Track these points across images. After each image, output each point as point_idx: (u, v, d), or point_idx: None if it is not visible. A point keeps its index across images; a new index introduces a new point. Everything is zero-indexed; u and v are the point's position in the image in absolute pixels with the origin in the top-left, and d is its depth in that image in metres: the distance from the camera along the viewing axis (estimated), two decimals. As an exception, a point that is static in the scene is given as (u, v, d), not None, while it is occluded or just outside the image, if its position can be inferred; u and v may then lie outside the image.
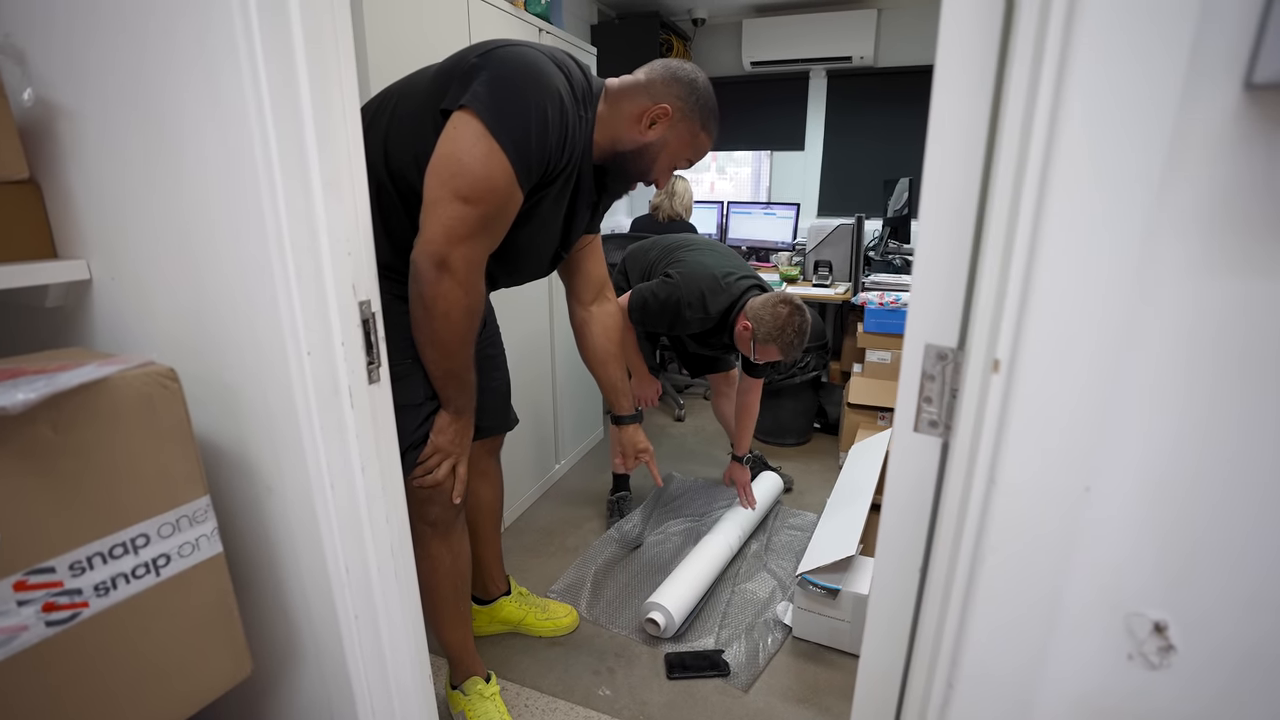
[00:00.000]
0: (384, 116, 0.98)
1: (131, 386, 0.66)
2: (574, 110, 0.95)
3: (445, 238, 0.87)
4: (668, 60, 1.05)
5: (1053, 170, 0.39)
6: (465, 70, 0.90)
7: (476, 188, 0.87)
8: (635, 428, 1.39)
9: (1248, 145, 0.36)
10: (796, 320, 1.65)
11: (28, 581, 0.59)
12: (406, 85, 1.00)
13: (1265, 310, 0.38)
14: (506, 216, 0.93)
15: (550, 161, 0.93)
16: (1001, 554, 0.47)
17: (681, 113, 1.03)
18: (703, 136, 1.08)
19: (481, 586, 1.51)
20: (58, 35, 0.74)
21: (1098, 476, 0.43)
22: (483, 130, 0.86)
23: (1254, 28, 0.33)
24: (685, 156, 1.09)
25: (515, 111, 0.87)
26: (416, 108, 0.94)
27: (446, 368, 0.98)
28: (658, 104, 1.01)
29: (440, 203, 0.87)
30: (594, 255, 1.26)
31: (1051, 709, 0.50)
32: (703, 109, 1.05)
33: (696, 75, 1.05)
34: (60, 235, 0.86)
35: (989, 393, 0.45)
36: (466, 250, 0.89)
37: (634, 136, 1.03)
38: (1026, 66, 0.40)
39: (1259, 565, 0.43)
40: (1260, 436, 0.40)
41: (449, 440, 1.04)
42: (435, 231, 0.87)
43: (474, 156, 0.86)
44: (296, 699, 0.95)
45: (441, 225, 0.87)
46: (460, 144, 0.87)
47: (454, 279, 0.89)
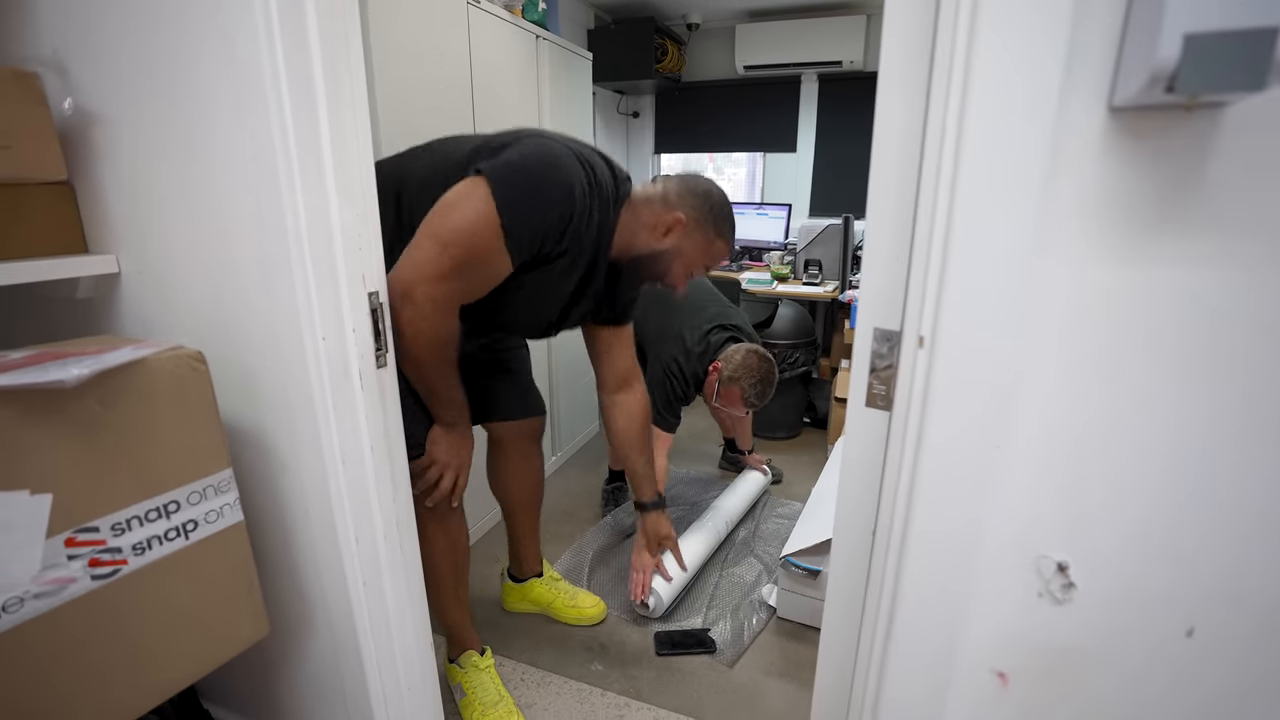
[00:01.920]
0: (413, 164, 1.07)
1: (165, 367, 0.73)
2: (585, 204, 1.00)
3: (413, 272, 0.93)
4: (684, 174, 1.14)
5: (960, 173, 0.46)
6: (494, 148, 0.99)
7: (457, 236, 0.93)
8: (658, 514, 1.43)
9: (1113, 155, 0.43)
10: (765, 367, 1.75)
11: (76, 538, 0.66)
12: (435, 150, 1.09)
13: (1130, 290, 0.45)
14: (486, 272, 0.98)
15: (546, 243, 0.99)
16: (928, 505, 0.54)
17: (696, 222, 1.10)
18: (718, 244, 1.15)
19: (516, 565, 1.59)
20: (98, 50, 0.81)
21: (1006, 436, 0.51)
22: (486, 193, 0.93)
23: (1113, 63, 0.41)
24: (701, 262, 1.16)
25: (523, 187, 0.94)
26: (443, 173, 1.01)
27: (424, 387, 1.04)
28: (672, 213, 1.08)
29: (421, 240, 0.94)
30: (620, 345, 1.31)
31: (977, 643, 0.57)
32: (716, 218, 1.12)
33: (711, 188, 1.13)
34: (91, 232, 0.93)
35: (916, 365, 0.52)
36: (430, 289, 0.93)
37: (650, 242, 1.10)
38: (941, 97, 0.47)
39: (1143, 512, 0.50)
40: (1138, 398, 0.48)
41: (443, 450, 1.10)
42: (406, 265, 0.93)
43: (466, 209, 0.93)
44: (308, 662, 1.02)
45: (413, 261, 0.93)
46: (458, 196, 0.94)
47: (416, 311, 0.93)
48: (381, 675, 0.98)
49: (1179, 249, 0.45)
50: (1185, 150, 0.42)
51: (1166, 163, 0.43)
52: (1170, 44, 0.36)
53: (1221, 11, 0.35)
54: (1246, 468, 0.47)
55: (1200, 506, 0.48)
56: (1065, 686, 0.56)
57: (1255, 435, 0.46)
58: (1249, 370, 0.46)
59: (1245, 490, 0.47)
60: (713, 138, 3.57)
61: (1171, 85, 0.36)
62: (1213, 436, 0.47)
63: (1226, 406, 0.46)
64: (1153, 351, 0.47)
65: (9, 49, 0.85)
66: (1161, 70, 0.36)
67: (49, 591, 0.64)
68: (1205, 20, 0.35)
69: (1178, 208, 0.44)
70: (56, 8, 0.81)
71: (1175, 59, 0.36)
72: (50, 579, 0.64)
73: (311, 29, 0.71)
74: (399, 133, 1.40)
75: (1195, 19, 0.35)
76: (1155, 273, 0.46)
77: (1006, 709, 0.58)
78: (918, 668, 0.60)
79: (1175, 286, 0.46)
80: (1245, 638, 0.50)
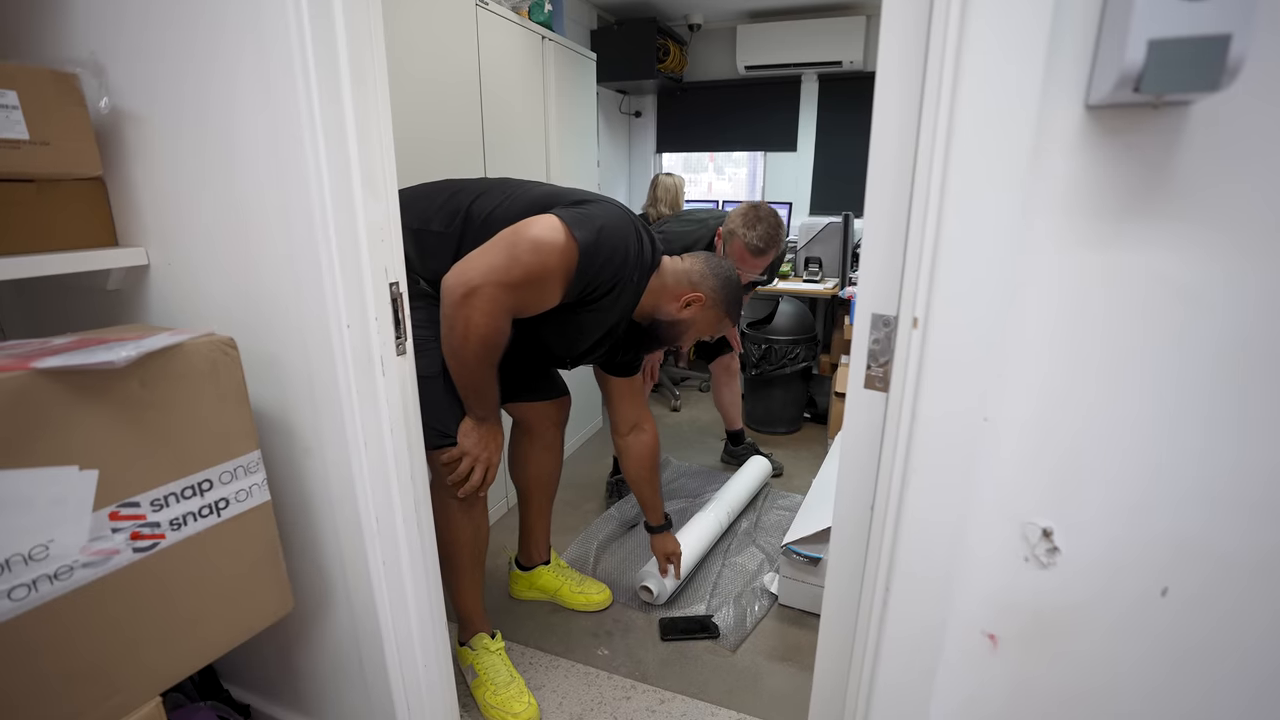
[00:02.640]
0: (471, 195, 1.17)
1: (200, 352, 0.77)
2: (632, 271, 1.14)
3: (484, 275, 1.01)
4: (710, 256, 1.30)
5: (951, 166, 0.50)
6: (568, 201, 1.12)
7: (531, 255, 1.02)
8: (665, 535, 1.58)
9: (1090, 149, 0.47)
10: (761, 211, 1.80)
11: (119, 512, 0.70)
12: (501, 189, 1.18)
13: (1107, 273, 0.49)
14: (539, 296, 1.08)
15: (596, 292, 1.12)
16: (922, 477, 0.58)
17: (712, 302, 1.26)
18: (725, 321, 1.33)
19: (526, 553, 1.64)
20: (132, 51, 0.85)
21: (994, 409, 0.55)
22: (566, 233, 1.04)
23: (1089, 65, 0.45)
24: (708, 334, 1.34)
25: (596, 242, 1.06)
26: (515, 213, 1.10)
27: (468, 381, 1.11)
28: (695, 291, 1.24)
29: (495, 249, 1.03)
30: (631, 395, 1.47)
31: (968, 606, 0.61)
32: (728, 301, 1.28)
33: (730, 274, 1.29)
34: (121, 225, 0.98)
35: (910, 345, 0.56)
36: (496, 291, 1.01)
37: (670, 311, 1.25)
38: (934, 94, 0.51)
39: (1119, 479, 0.54)
40: (1115, 373, 0.52)
41: (474, 443, 1.16)
42: (477, 266, 1.02)
43: (545, 237, 1.03)
44: (328, 640, 1.06)
45: (486, 264, 1.02)
46: (540, 224, 1.04)
47: (479, 308, 1.02)
48: (400, 653, 1.02)
49: (1151, 235, 0.49)
50: (1155, 145, 0.46)
51: (1139, 156, 0.47)
52: (1136, 49, 0.40)
53: (1181, 20, 0.39)
54: (1211, 436, 0.51)
55: (1171, 473, 0.52)
56: (1051, 645, 0.60)
57: (1220, 407, 0.50)
58: (1215, 346, 0.50)
59: (1210, 457, 0.51)
60: (714, 137, 3.62)
61: (1138, 85, 0.40)
62: (1182, 407, 0.51)
63: (1194, 379, 0.50)
64: (1127, 329, 0.51)
65: (50, 51, 0.89)
66: (1129, 72, 0.40)
67: (95, 562, 0.68)
68: (1167, 28, 0.39)
69: (1150, 197, 0.48)
70: (94, 12, 0.85)
71: (1141, 62, 0.40)
72: (96, 550, 0.68)
73: (339, 32, 0.75)
74: (409, 131, 1.44)
75: (1159, 27, 0.39)
76: (1130, 257, 0.50)
77: (997, 668, 0.62)
78: (913, 630, 0.64)
79: (1148, 269, 0.50)
80: (1214, 595, 0.54)
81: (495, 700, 1.28)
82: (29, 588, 0.63)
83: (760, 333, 2.66)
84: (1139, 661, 0.57)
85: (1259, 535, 0.52)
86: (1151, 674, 0.58)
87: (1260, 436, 0.50)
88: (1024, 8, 0.45)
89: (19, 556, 0.62)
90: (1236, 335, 0.49)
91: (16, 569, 0.62)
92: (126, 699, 0.73)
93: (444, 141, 1.66)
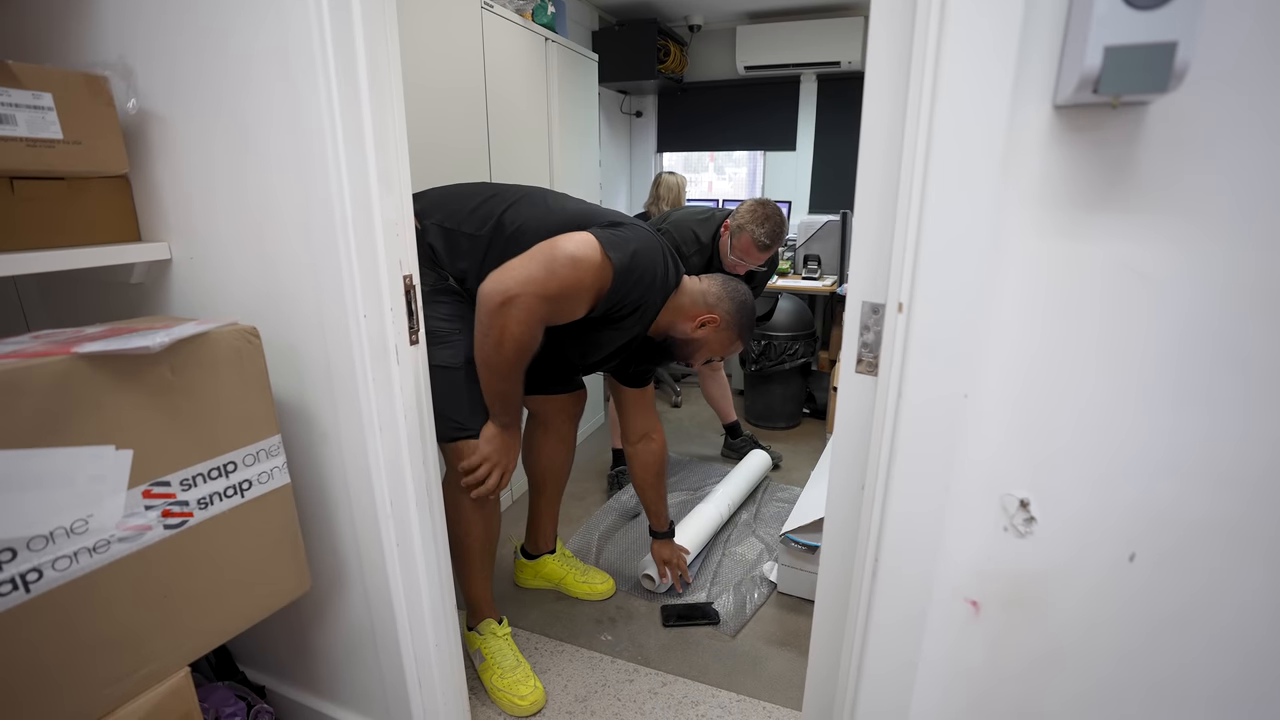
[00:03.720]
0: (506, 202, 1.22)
1: (226, 340, 0.81)
2: (658, 292, 1.22)
3: (522, 285, 1.05)
4: (727, 278, 1.35)
5: (931, 163, 0.54)
6: (604, 222, 1.18)
7: (567, 270, 1.07)
8: (666, 541, 1.65)
9: (1058, 146, 0.51)
10: (769, 209, 1.89)
11: (152, 491, 0.74)
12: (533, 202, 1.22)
13: (1076, 261, 0.53)
14: (569, 308, 1.13)
15: (621, 309, 1.18)
16: (907, 453, 0.62)
17: (726, 324, 1.31)
18: (737, 343, 1.36)
19: (533, 542, 1.68)
20: (158, 53, 0.89)
21: (973, 387, 0.59)
22: (601, 252, 1.10)
23: (1055, 69, 0.49)
24: (720, 354, 1.38)
25: (628, 265, 1.13)
26: (551, 226, 1.16)
27: (496, 388, 1.15)
28: (711, 311, 1.28)
29: (534, 258, 1.07)
30: (642, 404, 1.53)
31: (951, 574, 0.65)
32: (741, 324, 1.33)
33: (746, 297, 1.34)
34: (144, 220, 1.02)
35: (896, 328, 0.61)
36: (532, 301, 1.05)
37: (685, 329, 1.29)
38: (916, 97, 0.55)
39: (1092, 452, 0.58)
40: (1085, 352, 0.56)
41: (495, 449, 1.20)
42: (515, 276, 1.05)
43: (581, 253, 1.08)
44: (342, 621, 1.10)
45: (524, 275, 1.05)
46: (576, 241, 1.10)
47: (515, 315, 1.05)
48: (412, 632, 1.06)
49: (1117, 225, 0.53)
50: (1117, 141, 0.50)
51: (1103, 152, 0.51)
52: (1094, 54, 0.44)
53: (1134, 28, 0.43)
54: (1176, 412, 0.55)
55: (1138, 446, 0.56)
56: (1029, 610, 0.64)
57: (1184, 384, 0.54)
58: (1178, 327, 0.54)
59: (1174, 432, 0.55)
60: (714, 137, 3.66)
61: (1096, 87, 0.44)
62: (1148, 385, 0.55)
63: (1160, 359, 0.54)
64: (1097, 313, 0.55)
65: (81, 55, 0.93)
66: (1088, 75, 0.44)
67: (130, 536, 0.73)
68: (1122, 35, 0.43)
69: (1114, 190, 0.52)
70: (123, 16, 0.89)
71: (1099, 66, 0.44)
72: (131, 525, 0.73)
73: (358, 36, 0.79)
74: (417, 131, 1.48)
75: (1114, 34, 0.43)
76: (1098, 246, 0.54)
77: (979, 633, 0.66)
78: (900, 599, 0.68)
79: (1115, 257, 0.54)
80: (1179, 560, 0.58)
81: (502, 683, 1.33)
82: (70, 559, 0.67)
83: (760, 329, 2.70)
84: (1110, 622, 0.61)
85: (1221, 504, 0.56)
86: (1122, 634, 0.62)
87: (1222, 412, 0.54)
88: (996, 17, 0.49)
89: (61, 530, 0.67)
90: (1197, 317, 0.53)
91: (60, 541, 0.66)
92: (157, 668, 0.77)
93: (451, 141, 1.70)
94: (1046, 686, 0.65)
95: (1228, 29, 0.46)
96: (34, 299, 1.21)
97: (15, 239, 0.86)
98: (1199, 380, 0.54)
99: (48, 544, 0.66)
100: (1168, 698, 0.61)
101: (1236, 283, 0.51)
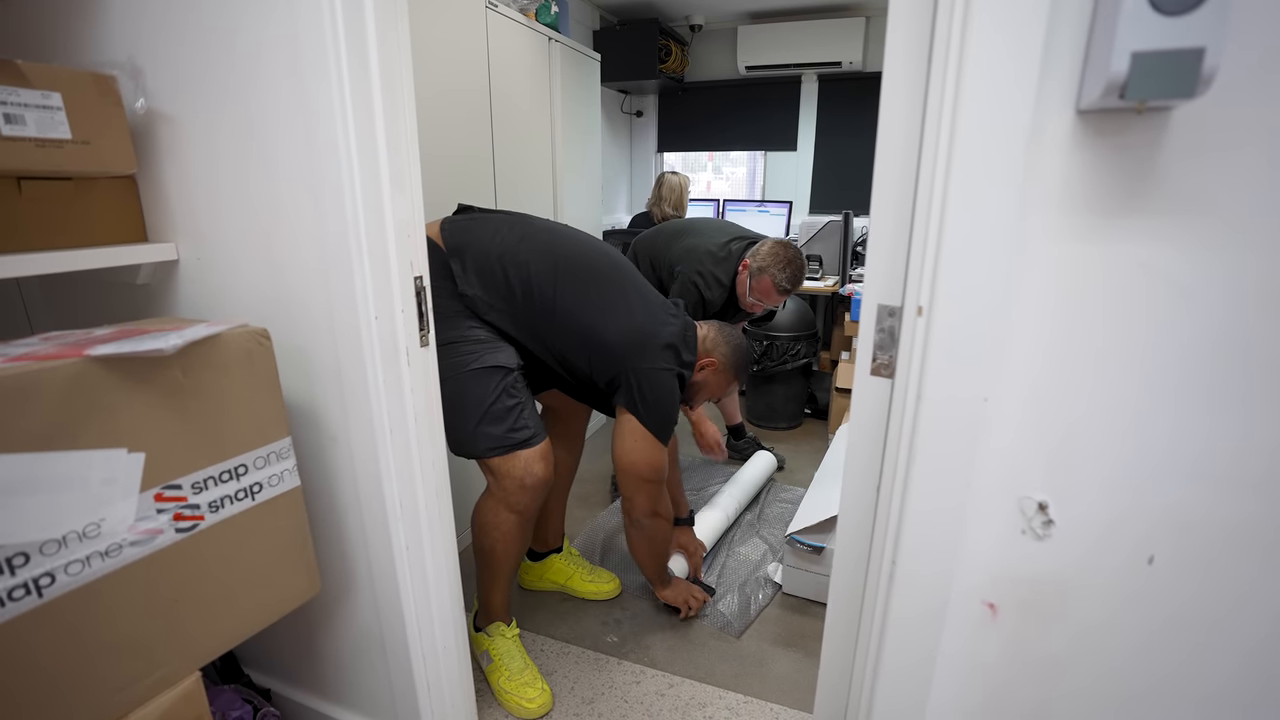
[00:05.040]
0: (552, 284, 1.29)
1: (236, 342, 0.81)
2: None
3: (647, 505, 1.35)
4: (723, 325, 1.46)
5: (954, 166, 0.54)
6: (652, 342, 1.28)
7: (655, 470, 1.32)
8: (687, 529, 1.76)
9: (1081, 150, 0.51)
10: (791, 252, 1.89)
11: (164, 494, 0.74)
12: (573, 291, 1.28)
13: (1097, 263, 0.53)
14: None
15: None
16: (926, 457, 0.62)
17: (724, 366, 1.42)
18: (734, 384, 1.48)
19: (540, 539, 1.67)
20: (167, 54, 0.89)
21: (993, 389, 0.59)
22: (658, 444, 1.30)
23: (1079, 74, 0.49)
24: (718, 395, 1.50)
25: (667, 425, 1.32)
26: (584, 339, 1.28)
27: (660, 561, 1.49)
28: (708, 357, 1.40)
29: (642, 486, 1.33)
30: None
31: (969, 577, 0.65)
32: (737, 366, 1.44)
33: (740, 340, 1.45)
34: (151, 221, 1.01)
35: (916, 331, 0.61)
36: (650, 503, 1.36)
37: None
38: (938, 101, 0.55)
39: (1111, 456, 0.58)
40: (1105, 356, 0.56)
41: (682, 595, 1.57)
42: (643, 502, 1.35)
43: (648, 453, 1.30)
44: (351, 624, 1.10)
45: (646, 497, 1.34)
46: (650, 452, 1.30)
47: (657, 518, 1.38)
48: (421, 635, 1.05)
49: (1139, 228, 0.53)
50: (1140, 146, 0.51)
51: (1126, 156, 0.51)
52: (1120, 60, 0.44)
53: (1161, 34, 0.43)
54: (1197, 416, 0.55)
55: (1158, 450, 0.57)
56: (1047, 613, 0.64)
57: (1205, 388, 0.55)
58: (1200, 330, 0.54)
59: (1195, 435, 0.55)
60: (715, 136, 3.66)
61: (1123, 93, 0.44)
62: (1169, 388, 0.55)
63: (1181, 362, 0.55)
64: (1118, 316, 0.56)
65: (89, 54, 0.93)
66: (1115, 81, 0.44)
67: (142, 540, 0.72)
68: (1148, 41, 0.43)
69: (1137, 193, 0.52)
70: (130, 14, 0.89)
71: (1125, 72, 0.44)
72: (143, 529, 0.72)
73: (370, 31, 0.78)
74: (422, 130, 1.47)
75: (1140, 40, 0.43)
76: (1120, 249, 0.54)
77: (996, 636, 0.66)
78: (918, 602, 0.68)
79: (1137, 260, 0.54)
80: (1198, 564, 0.58)
81: (510, 686, 1.32)
82: (83, 563, 0.67)
83: (762, 329, 2.70)
84: (1128, 626, 0.61)
85: (1246, 509, 0.56)
86: (1140, 637, 0.62)
87: (1246, 416, 0.54)
88: (1020, 21, 0.49)
89: (74, 533, 0.66)
90: (1219, 319, 0.53)
91: (72, 545, 0.66)
92: (168, 673, 0.77)
93: (455, 141, 1.70)
94: (1064, 689, 0.65)
95: (1253, 34, 0.46)
96: (37, 300, 1.20)
97: (21, 239, 0.85)
98: (1222, 384, 0.54)
99: (60, 548, 0.65)
100: (1188, 703, 0.61)
101: (1262, 287, 0.51)
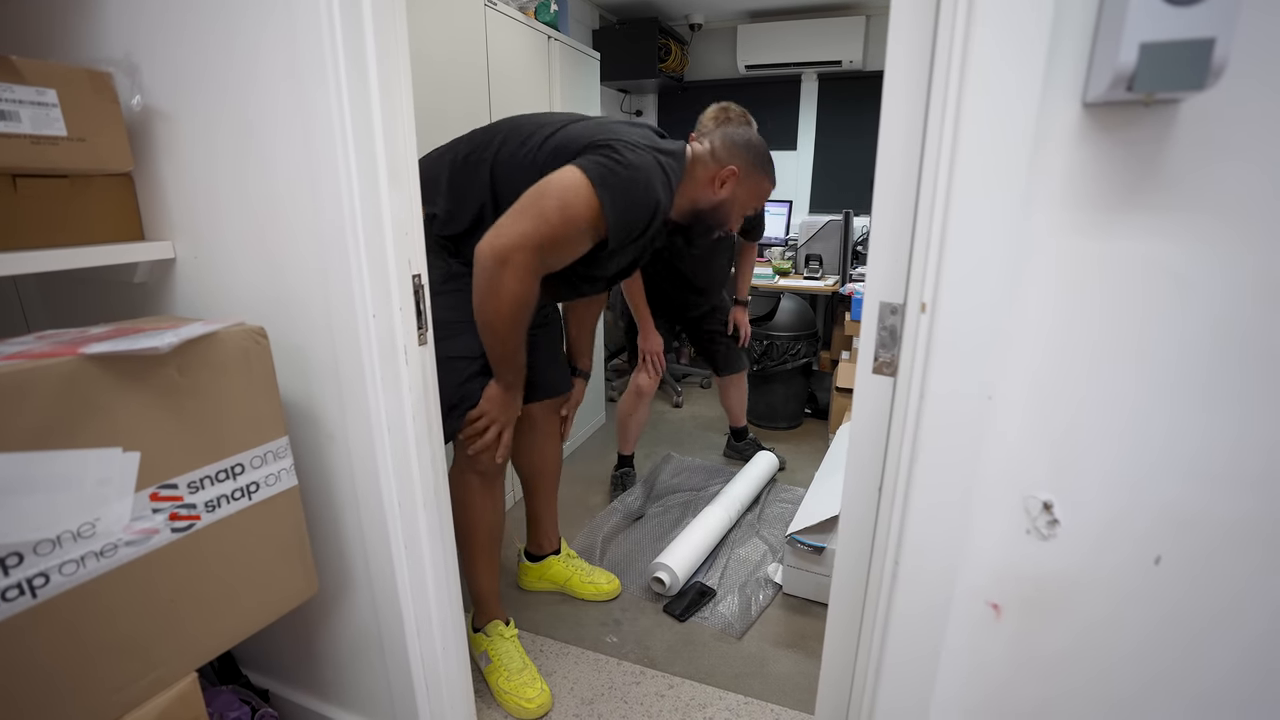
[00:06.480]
0: (491, 151, 1.16)
1: (233, 340, 0.80)
2: (667, 195, 1.11)
3: (515, 240, 1.01)
4: (724, 128, 1.28)
5: (958, 161, 0.54)
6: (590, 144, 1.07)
7: (559, 218, 1.03)
8: (580, 381, 1.61)
9: (1087, 144, 0.51)
10: (732, 111, 1.79)
11: (159, 493, 0.73)
12: (516, 131, 1.16)
13: (1103, 259, 0.53)
14: (569, 252, 1.09)
15: (627, 239, 1.11)
16: (929, 455, 0.62)
17: (746, 171, 1.23)
18: (766, 184, 1.29)
19: (535, 543, 1.66)
20: (163, 50, 0.88)
21: (997, 387, 0.58)
22: (590, 191, 1.02)
23: (1085, 66, 0.48)
24: (753, 205, 1.30)
25: (624, 202, 1.05)
26: (532, 161, 1.10)
27: (500, 349, 1.12)
28: (726, 167, 1.21)
29: (522, 215, 1.03)
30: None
31: (972, 577, 0.65)
32: (760, 163, 1.25)
33: (750, 135, 1.25)
34: (148, 219, 1.00)
35: (919, 328, 0.60)
36: (527, 256, 1.03)
37: (709, 196, 1.23)
38: (940, 96, 0.54)
39: (1116, 454, 0.57)
40: (1111, 354, 0.55)
41: (497, 408, 1.19)
42: (507, 233, 1.02)
43: (571, 199, 1.02)
44: (349, 623, 1.09)
45: (516, 231, 1.02)
46: (563, 185, 1.03)
47: (513, 273, 1.03)
48: (420, 635, 1.05)
49: (1144, 223, 0.52)
50: (1147, 140, 0.50)
51: (1132, 150, 0.51)
52: (1129, 51, 0.43)
53: (1171, 25, 0.42)
54: (1203, 413, 0.54)
55: (1163, 448, 0.56)
56: (1052, 614, 0.63)
57: (1211, 384, 0.54)
58: (1205, 326, 0.53)
59: (1201, 433, 0.55)
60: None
61: (1131, 85, 0.44)
62: (1174, 385, 0.54)
63: (1186, 359, 0.54)
64: (1122, 312, 0.55)
65: (85, 51, 0.92)
66: (1123, 72, 0.44)
67: (137, 540, 0.71)
68: (1157, 32, 0.42)
69: (1143, 188, 0.51)
70: (127, 11, 0.88)
71: (1134, 63, 0.43)
72: (138, 529, 0.71)
73: (368, 29, 0.78)
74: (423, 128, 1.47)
75: (1150, 31, 0.43)
76: (1125, 244, 0.53)
77: (1000, 636, 0.66)
78: (921, 602, 0.67)
79: (1142, 256, 0.53)
80: (1205, 563, 0.57)
81: (509, 686, 1.31)
82: (77, 564, 0.66)
83: (762, 329, 2.69)
84: (1134, 626, 0.60)
85: (1253, 507, 0.55)
86: (1140, 635, 0.61)
87: (1253, 413, 0.53)
88: (1026, 13, 0.48)
89: (69, 533, 0.65)
90: (1228, 316, 0.53)
91: (67, 545, 0.65)
92: (165, 674, 0.76)
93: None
94: (1068, 688, 0.65)
95: (1263, 25, 0.45)
96: (34, 298, 1.19)
97: (17, 238, 0.84)
98: (1228, 381, 0.53)
99: (54, 548, 0.64)
100: (1186, 699, 0.61)
101: (1269, 283, 0.51)
